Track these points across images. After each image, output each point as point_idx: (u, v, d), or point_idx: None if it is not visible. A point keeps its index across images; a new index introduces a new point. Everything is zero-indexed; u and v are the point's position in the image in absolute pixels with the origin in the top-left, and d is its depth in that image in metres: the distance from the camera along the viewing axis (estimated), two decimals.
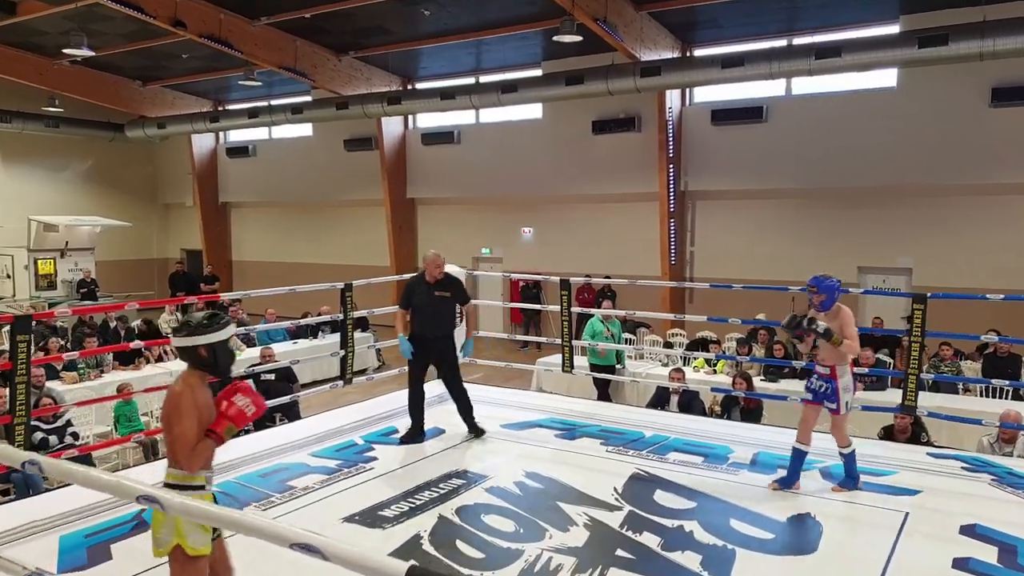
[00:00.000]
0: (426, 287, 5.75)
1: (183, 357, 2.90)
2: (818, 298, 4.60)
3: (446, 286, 5.82)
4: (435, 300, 5.74)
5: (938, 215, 11.71)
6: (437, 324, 5.80)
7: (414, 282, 5.88)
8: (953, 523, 4.26)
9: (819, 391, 4.75)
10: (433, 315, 5.77)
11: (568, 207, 14.90)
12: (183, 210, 20.49)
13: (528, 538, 4.12)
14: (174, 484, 2.82)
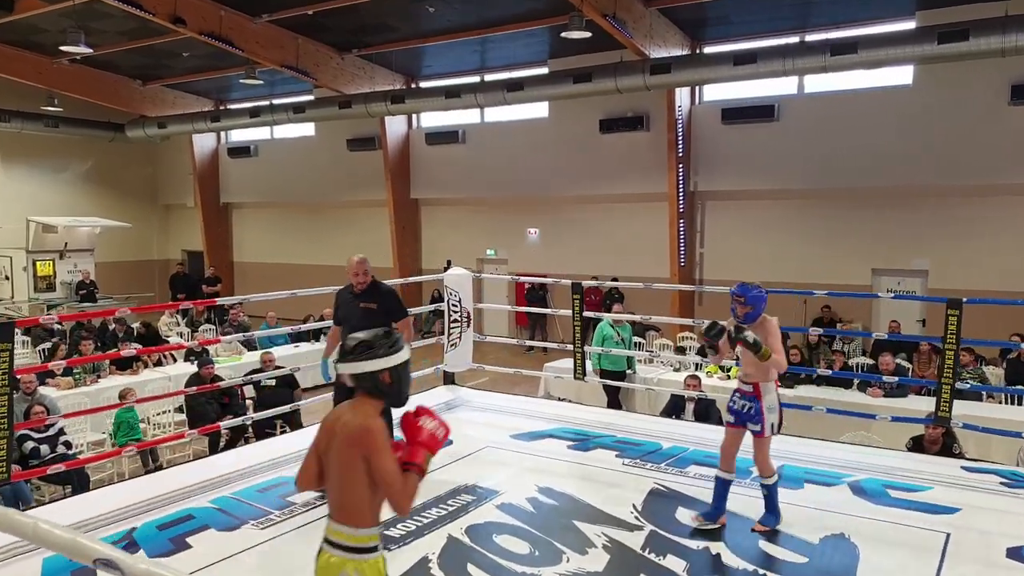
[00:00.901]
0: (350, 298, 4.85)
1: (359, 384, 2.46)
2: (743, 309, 4.09)
3: (373, 296, 4.85)
4: (359, 314, 4.74)
5: (955, 216, 11.43)
6: None
7: (339, 293, 5.03)
8: (999, 544, 3.99)
9: (742, 411, 4.23)
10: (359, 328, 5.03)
11: (575, 208, 14.64)
12: (184, 211, 20.27)
13: (544, 561, 3.86)
14: (358, 547, 2.39)
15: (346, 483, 2.39)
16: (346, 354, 2.47)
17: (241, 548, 3.96)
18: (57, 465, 4.96)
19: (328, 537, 2.44)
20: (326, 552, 2.42)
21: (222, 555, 3.88)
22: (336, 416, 2.50)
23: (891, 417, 5.92)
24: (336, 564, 2.38)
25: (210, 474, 5.03)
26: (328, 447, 2.45)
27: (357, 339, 2.50)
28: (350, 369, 2.45)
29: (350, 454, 2.37)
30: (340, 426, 2.42)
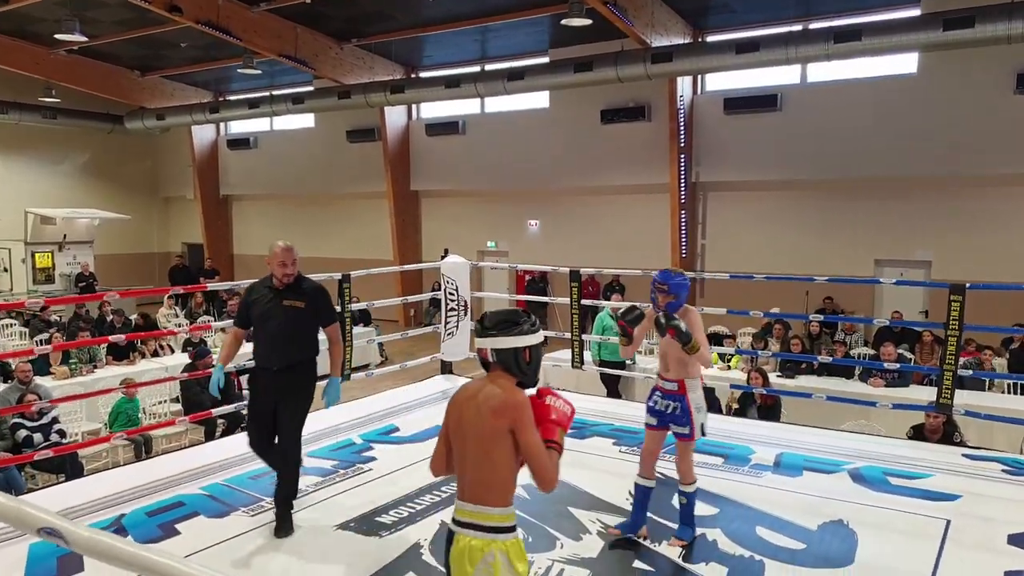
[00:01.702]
0: (271, 295, 3.97)
1: (501, 359, 2.38)
2: (665, 298, 3.74)
3: (299, 293, 3.99)
4: (283, 314, 3.93)
5: (959, 207, 11.31)
6: (285, 348, 3.94)
7: (254, 288, 4.11)
8: (1000, 532, 3.92)
9: (665, 412, 3.86)
10: (280, 335, 3.93)
11: (576, 200, 14.54)
12: (184, 203, 20.22)
13: (538, 548, 3.80)
14: (500, 527, 2.29)
15: (488, 459, 2.29)
16: (488, 328, 2.39)
17: (230, 535, 3.90)
18: (45, 451, 4.90)
19: (462, 519, 2.31)
20: (463, 536, 2.29)
21: (210, 541, 3.82)
22: (470, 392, 2.39)
23: (891, 405, 5.85)
24: (479, 547, 2.24)
25: (203, 461, 4.98)
26: (460, 424, 2.36)
27: (500, 314, 2.44)
28: (495, 344, 2.37)
29: (496, 427, 2.28)
30: (482, 399, 2.32)
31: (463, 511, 2.31)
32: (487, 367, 2.42)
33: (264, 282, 4.04)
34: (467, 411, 2.34)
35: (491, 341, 2.38)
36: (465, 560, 2.24)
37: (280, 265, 3.91)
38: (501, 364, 2.38)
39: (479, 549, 2.23)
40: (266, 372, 3.98)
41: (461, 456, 2.35)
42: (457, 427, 2.37)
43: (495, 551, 2.23)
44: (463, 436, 2.35)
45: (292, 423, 4.01)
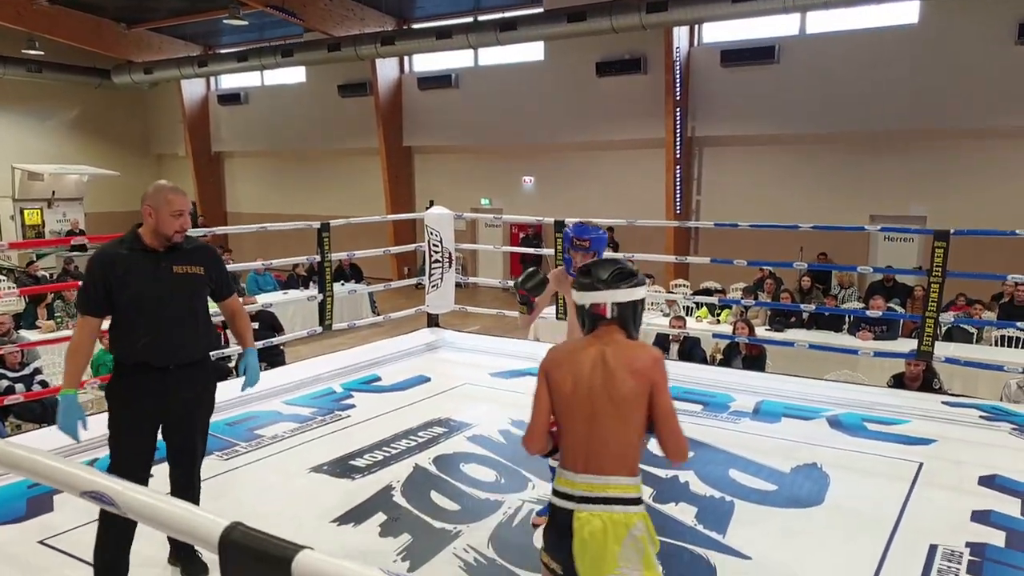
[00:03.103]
0: (151, 262, 2.77)
1: (621, 314, 2.15)
2: (585, 256, 3.18)
3: (193, 255, 2.87)
4: (172, 284, 2.80)
5: (956, 161, 11.17)
6: (185, 336, 2.83)
7: (114, 257, 2.77)
8: (971, 474, 3.92)
9: None
10: (175, 318, 2.81)
11: (570, 155, 14.38)
12: (176, 160, 20.03)
13: (509, 488, 3.81)
14: (638, 498, 2.06)
15: (626, 424, 2.04)
16: (607, 280, 2.15)
17: (203, 477, 3.90)
18: (15, 396, 4.90)
19: (593, 495, 2.01)
20: (597, 513, 1.99)
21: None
22: (588, 356, 2.10)
23: (874, 353, 5.83)
24: (622, 521, 1.99)
25: None
26: (587, 392, 2.07)
27: (609, 264, 2.20)
28: (616, 296, 2.14)
29: (638, 389, 2.04)
30: (616, 361, 2.06)
31: (592, 485, 2.01)
32: (593, 323, 2.17)
33: (129, 245, 2.77)
34: (595, 376, 2.07)
35: (611, 294, 2.14)
36: (608, 539, 1.96)
37: (176, 215, 2.75)
38: (619, 320, 2.15)
39: (623, 524, 1.98)
40: (153, 374, 2.76)
41: (586, 425, 2.06)
42: (576, 395, 2.08)
43: (639, 523, 2.00)
44: (590, 404, 2.06)
45: (200, 444, 3.00)
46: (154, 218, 2.76)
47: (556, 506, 2.08)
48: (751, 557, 3.14)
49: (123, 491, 1.32)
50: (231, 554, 1.13)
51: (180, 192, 2.82)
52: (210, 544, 1.16)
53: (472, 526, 3.42)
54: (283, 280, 11.76)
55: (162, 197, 2.77)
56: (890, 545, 3.24)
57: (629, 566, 1.96)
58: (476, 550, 3.21)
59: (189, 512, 1.27)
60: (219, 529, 1.16)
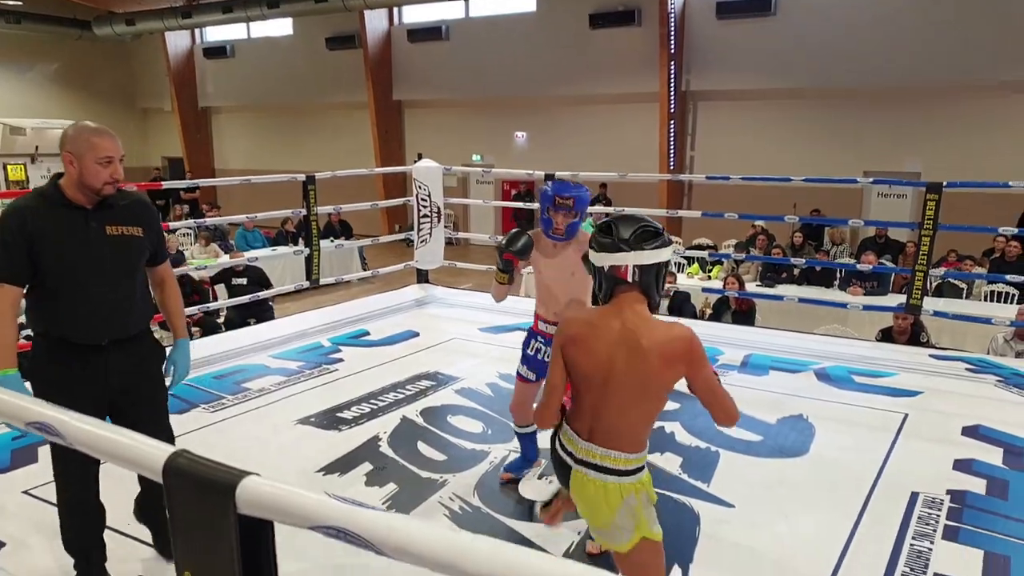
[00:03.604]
0: (80, 220, 2.33)
1: (644, 279, 1.95)
2: (568, 217, 2.92)
3: (129, 212, 2.43)
4: (111, 248, 2.37)
5: (950, 116, 11.07)
6: (122, 307, 2.42)
7: (33, 212, 2.31)
8: (955, 425, 3.95)
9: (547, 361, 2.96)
10: (110, 287, 2.39)
11: (563, 110, 14.19)
12: (162, 115, 19.70)
13: (495, 439, 3.82)
14: (639, 467, 2.00)
15: (639, 407, 1.94)
16: (629, 240, 1.93)
17: (188, 429, 3.89)
18: None
19: (588, 460, 1.97)
20: (594, 480, 1.97)
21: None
22: (609, 331, 1.93)
23: (862, 307, 5.83)
24: (615, 490, 1.96)
25: None
26: (608, 371, 1.92)
27: (631, 222, 1.96)
28: (640, 259, 1.93)
29: (668, 376, 1.92)
30: (643, 343, 1.89)
31: (590, 452, 1.97)
32: (612, 288, 1.97)
33: (50, 199, 2.31)
34: (618, 355, 1.91)
35: (635, 256, 1.93)
36: (601, 501, 1.96)
37: (103, 163, 2.28)
38: (642, 285, 1.95)
39: (616, 492, 1.95)
40: (88, 353, 2.35)
41: (599, 401, 1.96)
42: (596, 372, 1.94)
43: (634, 493, 1.96)
44: (609, 383, 1.93)
45: (158, 425, 2.55)
46: (76, 167, 2.27)
47: (560, 457, 2.04)
48: (734, 505, 3.16)
49: (68, 421, 1.30)
50: (176, 481, 1.11)
51: (108, 134, 2.32)
52: (155, 472, 1.14)
53: (458, 475, 3.43)
54: (272, 237, 11.68)
55: (84, 141, 2.26)
56: (872, 493, 3.27)
57: (623, 525, 1.97)
58: (461, 498, 3.23)
59: (134, 441, 1.24)
60: (163, 457, 1.14)
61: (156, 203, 16.01)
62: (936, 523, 3.01)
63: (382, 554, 0.92)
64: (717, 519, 3.06)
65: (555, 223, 2.94)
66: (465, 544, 0.86)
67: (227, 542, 1.01)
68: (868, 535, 2.93)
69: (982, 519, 3.04)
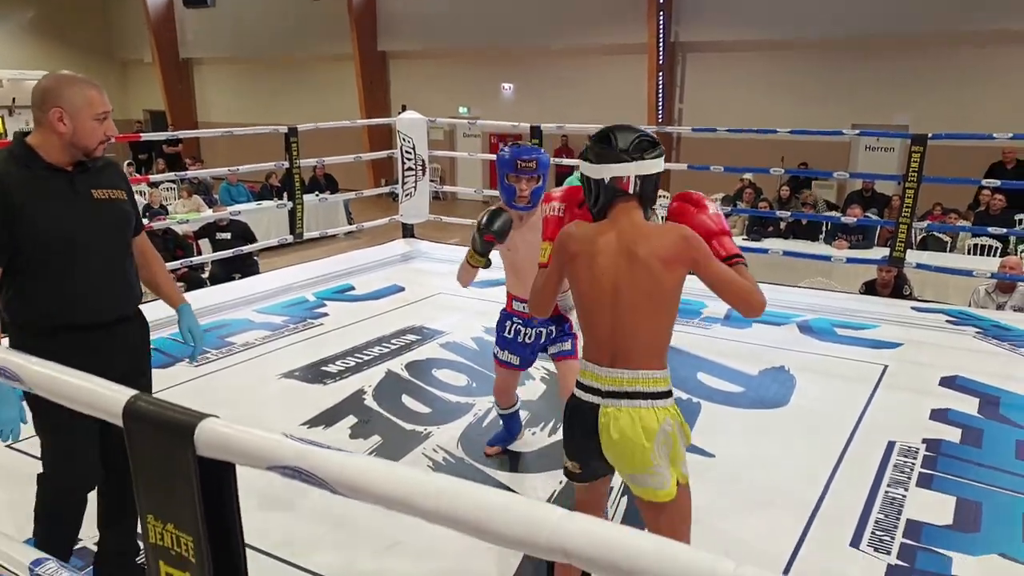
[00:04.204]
0: (62, 183, 2.06)
1: (644, 189, 1.87)
2: (531, 183, 2.77)
3: (108, 176, 2.18)
4: (96, 216, 2.11)
5: (940, 68, 10.98)
6: (120, 280, 2.19)
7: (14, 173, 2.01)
8: (933, 375, 4.00)
9: (530, 343, 2.95)
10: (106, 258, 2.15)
11: (551, 61, 13.97)
12: (142, 67, 19.25)
13: (480, 392, 3.84)
14: (668, 391, 1.89)
15: (656, 316, 1.85)
16: (628, 150, 1.84)
17: (172, 383, 3.90)
18: None
19: (620, 389, 1.84)
20: (627, 409, 1.83)
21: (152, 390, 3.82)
22: (608, 242, 1.85)
23: (846, 259, 5.86)
24: (651, 417, 1.83)
25: (151, 317, 4.91)
26: (612, 282, 1.84)
27: (624, 131, 1.86)
28: (641, 169, 1.85)
29: (674, 277, 1.83)
30: (640, 250, 1.81)
31: (619, 380, 1.84)
32: (609, 201, 1.87)
33: (24, 162, 2.02)
34: (619, 267, 1.84)
35: (637, 166, 1.84)
36: (640, 436, 1.82)
37: (101, 119, 2.06)
38: (640, 195, 1.87)
39: (652, 418, 1.83)
40: (90, 337, 2.10)
41: (611, 319, 1.85)
42: (600, 288, 1.86)
43: (669, 419, 1.85)
44: (616, 296, 1.84)
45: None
46: (69, 125, 2.00)
47: (579, 400, 1.90)
48: (714, 455, 3.21)
49: (25, 364, 1.29)
50: (136, 425, 1.11)
51: (99, 86, 2.10)
52: (114, 415, 1.14)
53: (442, 427, 3.46)
54: (256, 191, 11.55)
55: (80, 95, 2.01)
56: (850, 442, 3.32)
57: (661, 463, 1.84)
58: (445, 450, 3.26)
59: (92, 384, 1.24)
60: (123, 400, 1.13)
61: (138, 157, 15.81)
62: (911, 471, 3.07)
63: (336, 492, 0.93)
64: (697, 469, 3.08)
65: (519, 190, 2.76)
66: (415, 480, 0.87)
67: (188, 484, 1.01)
68: (845, 483, 2.99)
69: (956, 467, 3.11)
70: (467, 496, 0.87)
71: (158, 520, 1.06)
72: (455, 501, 0.86)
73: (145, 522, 1.09)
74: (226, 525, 1.02)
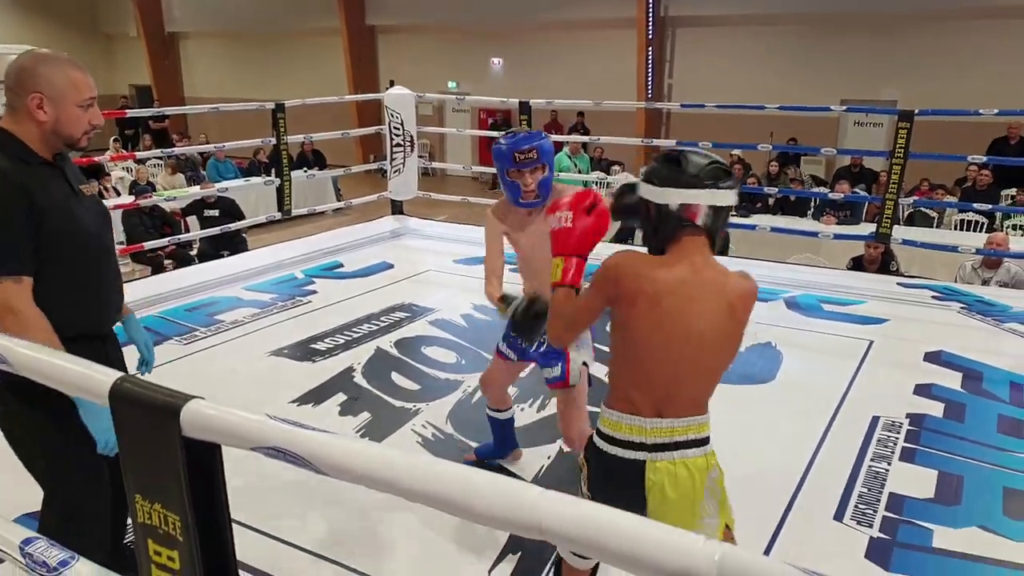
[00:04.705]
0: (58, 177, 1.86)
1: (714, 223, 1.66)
2: (538, 172, 2.42)
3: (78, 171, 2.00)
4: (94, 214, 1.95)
5: (929, 43, 10.95)
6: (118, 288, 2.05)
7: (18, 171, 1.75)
8: (918, 350, 4.05)
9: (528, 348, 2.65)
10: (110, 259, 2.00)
11: (541, 36, 13.85)
12: (127, 41, 18.93)
13: (469, 369, 3.86)
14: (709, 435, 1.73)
15: (727, 360, 1.72)
16: (702, 177, 1.62)
17: (160, 362, 3.87)
18: None
19: (679, 439, 1.65)
20: (679, 462, 1.65)
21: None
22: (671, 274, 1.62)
23: (833, 235, 5.89)
24: (702, 467, 1.68)
25: (139, 295, 4.90)
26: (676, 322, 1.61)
27: (704, 156, 1.66)
28: (715, 199, 1.63)
29: (742, 322, 1.70)
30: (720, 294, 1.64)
31: (668, 430, 1.64)
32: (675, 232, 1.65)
33: (19, 155, 1.79)
34: (702, 310, 1.63)
35: (710, 195, 1.62)
36: (697, 486, 1.66)
37: (86, 105, 1.85)
38: (710, 229, 1.65)
39: (703, 468, 1.68)
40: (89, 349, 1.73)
41: (678, 365, 1.64)
42: (667, 330, 1.61)
43: (714, 464, 1.71)
44: (686, 341, 1.62)
45: None
46: (51, 112, 1.78)
47: (618, 458, 1.66)
48: None
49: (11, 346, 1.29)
50: (122, 407, 1.12)
51: (84, 68, 1.87)
52: (101, 397, 1.15)
53: (431, 404, 3.48)
54: (244, 168, 11.46)
55: (64, 78, 1.79)
56: (835, 417, 3.37)
57: (710, 514, 1.69)
58: (434, 426, 3.28)
59: (79, 366, 1.24)
60: (109, 382, 1.14)
61: (124, 133, 15.60)
62: (895, 445, 3.12)
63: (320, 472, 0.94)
64: None
65: (523, 185, 2.41)
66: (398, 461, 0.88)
67: (174, 465, 1.03)
68: (829, 457, 3.04)
69: (939, 441, 3.16)
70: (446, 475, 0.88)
71: (145, 500, 1.07)
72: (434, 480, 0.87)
73: (133, 502, 1.10)
74: (213, 504, 1.04)
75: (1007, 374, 3.76)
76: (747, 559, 0.77)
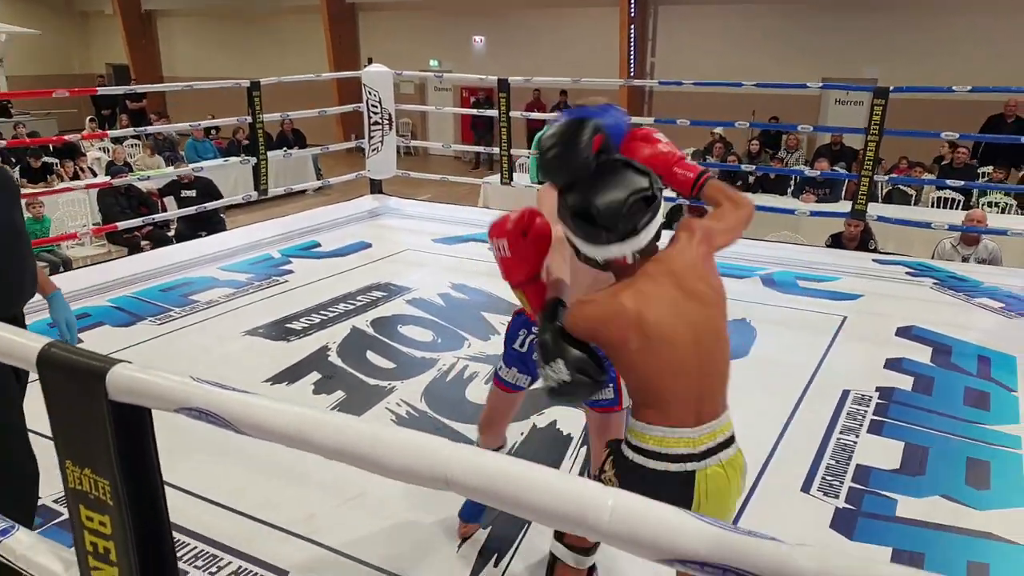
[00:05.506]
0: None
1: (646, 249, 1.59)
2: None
3: None
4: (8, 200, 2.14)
5: (909, 22, 10.97)
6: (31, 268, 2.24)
7: None
8: (890, 325, 4.09)
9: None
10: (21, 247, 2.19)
11: (522, 13, 13.72)
12: (103, 19, 18.59)
13: (445, 347, 3.86)
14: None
15: (724, 342, 1.64)
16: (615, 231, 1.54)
17: (133, 342, 3.87)
18: None
19: (715, 443, 1.58)
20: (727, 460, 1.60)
21: (112, 348, 3.78)
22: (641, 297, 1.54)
23: (810, 212, 5.92)
24: (739, 464, 1.64)
25: (113, 276, 4.87)
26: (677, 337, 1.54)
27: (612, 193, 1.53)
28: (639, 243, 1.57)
29: (715, 278, 1.66)
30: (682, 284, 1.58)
31: (711, 434, 1.58)
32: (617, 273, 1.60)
33: None
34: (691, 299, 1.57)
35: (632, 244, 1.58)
36: (732, 487, 1.63)
37: None
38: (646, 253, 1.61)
39: (739, 466, 1.64)
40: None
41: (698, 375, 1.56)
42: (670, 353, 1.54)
43: (744, 458, 1.68)
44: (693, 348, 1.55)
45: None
46: None
47: (664, 472, 1.57)
48: None
49: None
50: (49, 372, 1.11)
51: None
52: (29, 363, 1.14)
53: (406, 382, 3.49)
54: (223, 147, 11.32)
55: None
56: (806, 391, 3.40)
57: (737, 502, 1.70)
58: (408, 403, 3.29)
59: (8, 333, 1.23)
60: (37, 348, 1.14)
61: (101, 113, 15.36)
62: (863, 418, 3.16)
63: (241, 432, 0.95)
64: None
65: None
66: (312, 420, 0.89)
67: (102, 429, 1.02)
68: (799, 431, 3.07)
69: (906, 413, 3.20)
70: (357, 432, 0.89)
71: (76, 465, 1.07)
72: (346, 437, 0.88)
73: (64, 468, 1.10)
74: (144, 468, 1.04)
75: (975, 348, 3.82)
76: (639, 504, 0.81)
